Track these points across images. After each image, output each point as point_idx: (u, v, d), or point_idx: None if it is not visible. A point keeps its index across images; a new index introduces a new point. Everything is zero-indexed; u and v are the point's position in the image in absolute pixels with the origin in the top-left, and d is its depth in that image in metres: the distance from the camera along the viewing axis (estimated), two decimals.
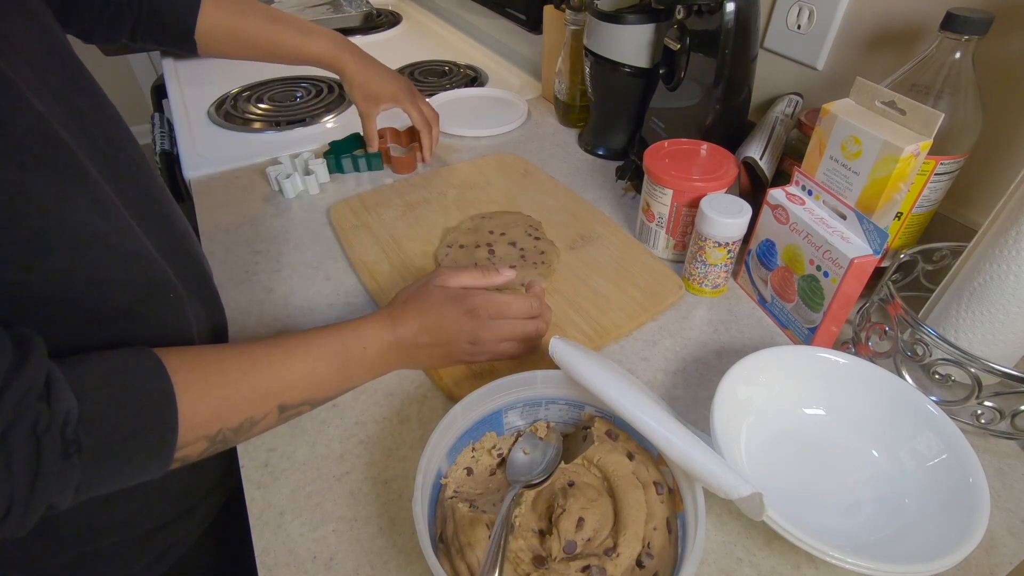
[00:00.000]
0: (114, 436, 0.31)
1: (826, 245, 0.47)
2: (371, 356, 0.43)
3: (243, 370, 0.37)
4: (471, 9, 1.24)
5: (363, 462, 0.45)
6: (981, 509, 0.36)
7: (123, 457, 0.31)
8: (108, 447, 0.30)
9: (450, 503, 0.38)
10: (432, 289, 0.46)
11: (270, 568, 0.39)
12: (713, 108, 0.64)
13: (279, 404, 0.39)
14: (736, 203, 0.54)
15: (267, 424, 0.39)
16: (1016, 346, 0.45)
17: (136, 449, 0.32)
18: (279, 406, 0.39)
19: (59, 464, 0.28)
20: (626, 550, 0.35)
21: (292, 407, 0.40)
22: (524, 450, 0.42)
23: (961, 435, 0.40)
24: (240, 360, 0.37)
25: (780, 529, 0.36)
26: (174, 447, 0.33)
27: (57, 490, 0.29)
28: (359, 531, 0.40)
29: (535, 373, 0.42)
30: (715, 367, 0.52)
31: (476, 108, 0.95)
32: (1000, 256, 0.42)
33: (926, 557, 0.34)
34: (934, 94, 0.48)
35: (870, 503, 0.41)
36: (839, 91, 0.63)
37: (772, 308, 0.56)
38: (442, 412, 0.46)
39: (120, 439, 0.31)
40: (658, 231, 0.63)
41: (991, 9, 0.46)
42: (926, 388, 0.46)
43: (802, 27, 0.65)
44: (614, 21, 0.70)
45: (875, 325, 0.49)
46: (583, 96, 0.86)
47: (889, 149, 0.44)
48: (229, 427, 0.36)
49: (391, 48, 1.23)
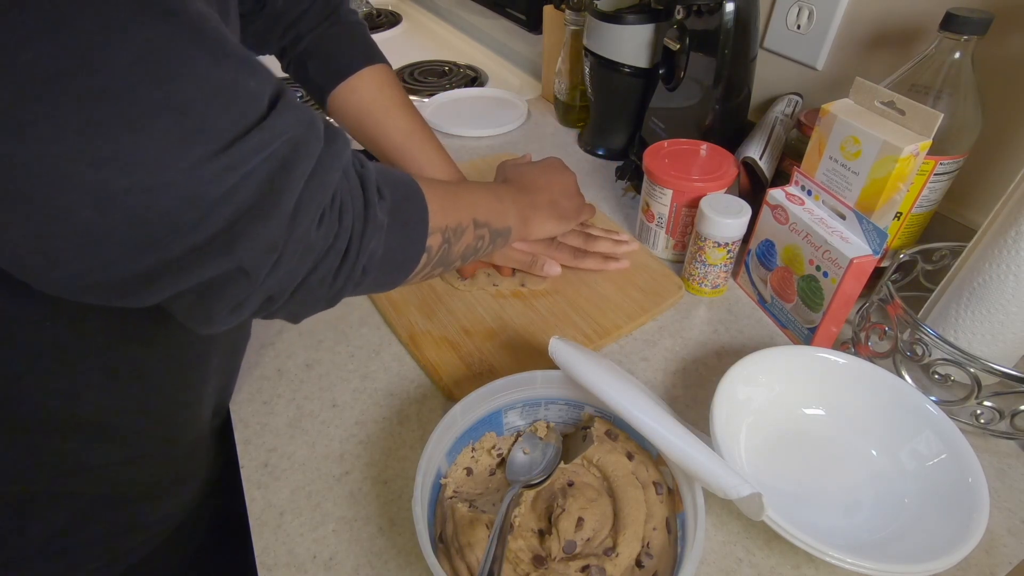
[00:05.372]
0: (397, 197, 0.35)
1: (825, 245, 0.47)
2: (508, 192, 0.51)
3: (444, 185, 0.42)
4: (471, 9, 1.24)
5: (363, 462, 0.45)
6: (980, 509, 0.36)
7: (403, 220, 0.35)
8: (397, 204, 0.34)
9: (450, 503, 0.38)
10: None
11: (270, 568, 0.39)
12: (713, 108, 0.64)
13: (473, 218, 0.43)
14: (736, 203, 0.54)
15: (467, 238, 0.43)
16: (1016, 346, 0.45)
17: (411, 213, 0.36)
18: (474, 220, 0.43)
19: (376, 209, 0.32)
20: (625, 550, 0.35)
21: (480, 224, 0.44)
22: (524, 450, 0.42)
23: (961, 435, 0.40)
24: (442, 183, 0.43)
25: (780, 529, 0.36)
26: (428, 218, 0.37)
27: (376, 236, 0.32)
28: (359, 531, 0.41)
29: (535, 373, 0.42)
30: (715, 367, 0.52)
31: (476, 108, 0.95)
32: (1000, 256, 0.42)
33: (926, 557, 0.34)
34: (933, 94, 0.48)
35: (870, 503, 0.41)
36: (839, 91, 0.63)
37: (772, 308, 0.56)
38: (442, 412, 0.46)
39: (401, 200, 0.35)
40: (658, 231, 0.63)
41: (991, 9, 0.46)
42: (926, 388, 0.46)
43: (802, 27, 0.65)
44: (614, 21, 0.70)
45: (875, 325, 0.49)
46: (583, 96, 0.86)
47: (888, 149, 0.44)
48: (451, 227, 0.40)
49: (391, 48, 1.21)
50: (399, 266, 0.37)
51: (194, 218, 0.23)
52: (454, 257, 0.43)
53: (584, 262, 0.59)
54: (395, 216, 0.34)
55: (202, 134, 0.23)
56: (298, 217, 0.26)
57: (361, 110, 0.57)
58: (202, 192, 0.23)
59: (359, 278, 0.32)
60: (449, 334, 0.54)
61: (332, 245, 0.29)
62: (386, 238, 0.33)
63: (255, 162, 0.24)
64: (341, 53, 0.56)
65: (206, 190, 0.23)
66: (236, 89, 0.24)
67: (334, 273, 0.30)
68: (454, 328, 0.54)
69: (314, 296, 0.31)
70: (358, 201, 0.31)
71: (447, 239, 0.40)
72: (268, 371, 0.51)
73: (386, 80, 0.57)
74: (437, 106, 0.95)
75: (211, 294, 0.26)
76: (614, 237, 0.61)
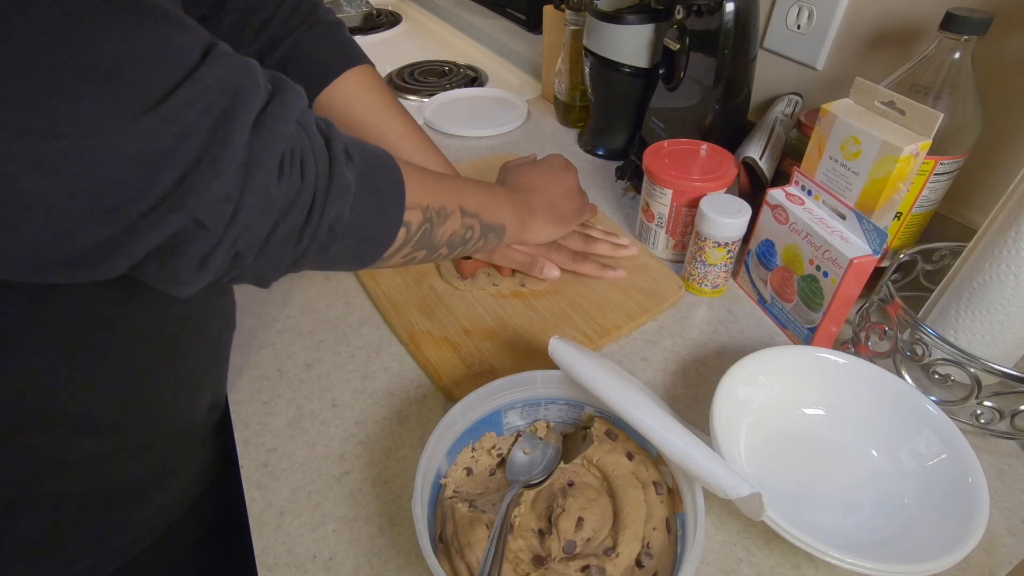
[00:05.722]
0: (366, 164, 0.34)
1: (825, 245, 0.47)
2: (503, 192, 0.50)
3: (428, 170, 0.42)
4: (471, 9, 1.24)
5: (363, 462, 0.45)
6: (980, 509, 0.36)
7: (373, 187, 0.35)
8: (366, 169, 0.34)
9: (450, 503, 0.38)
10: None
11: (270, 568, 0.39)
12: (713, 108, 0.64)
13: (460, 205, 0.43)
14: (736, 203, 0.54)
15: (453, 224, 0.42)
16: (1016, 346, 0.45)
17: (382, 181, 0.36)
18: (461, 207, 0.43)
19: (343, 167, 0.31)
20: (625, 550, 0.35)
21: (468, 214, 0.43)
22: (524, 450, 0.42)
23: (961, 435, 0.40)
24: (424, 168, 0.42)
25: (780, 529, 0.36)
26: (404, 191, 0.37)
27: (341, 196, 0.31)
28: (359, 531, 0.41)
29: (535, 373, 0.42)
30: (715, 367, 0.52)
31: (476, 108, 0.95)
32: (1000, 256, 0.42)
33: (925, 557, 0.34)
34: (933, 94, 0.48)
35: (869, 503, 0.41)
36: (839, 91, 0.63)
37: (772, 308, 0.56)
38: (442, 412, 0.46)
39: (371, 167, 0.35)
40: (658, 231, 0.63)
41: (991, 9, 0.46)
42: (926, 388, 0.46)
43: (802, 27, 0.65)
44: (614, 21, 0.70)
45: (875, 325, 0.49)
46: (583, 96, 0.86)
47: (888, 149, 0.44)
48: (433, 206, 0.40)
49: (391, 48, 1.23)
50: (373, 236, 0.36)
51: (142, 179, 0.23)
52: (439, 242, 0.42)
53: (583, 267, 0.58)
54: (365, 180, 0.34)
55: (132, 93, 0.23)
56: (252, 169, 0.26)
57: (351, 114, 0.56)
58: (143, 151, 0.23)
59: (326, 240, 0.32)
60: (449, 334, 0.54)
61: (294, 202, 0.29)
62: (354, 202, 0.32)
63: (192, 115, 0.24)
64: (323, 56, 0.54)
65: (146, 149, 0.23)
66: (161, 45, 0.24)
67: (299, 232, 0.30)
68: (454, 328, 0.54)
69: (279, 255, 0.30)
70: (322, 158, 0.30)
71: (428, 218, 0.39)
72: (268, 371, 0.51)
73: (372, 82, 0.56)
74: (437, 106, 0.95)
75: (174, 253, 0.26)
76: (613, 240, 0.61)
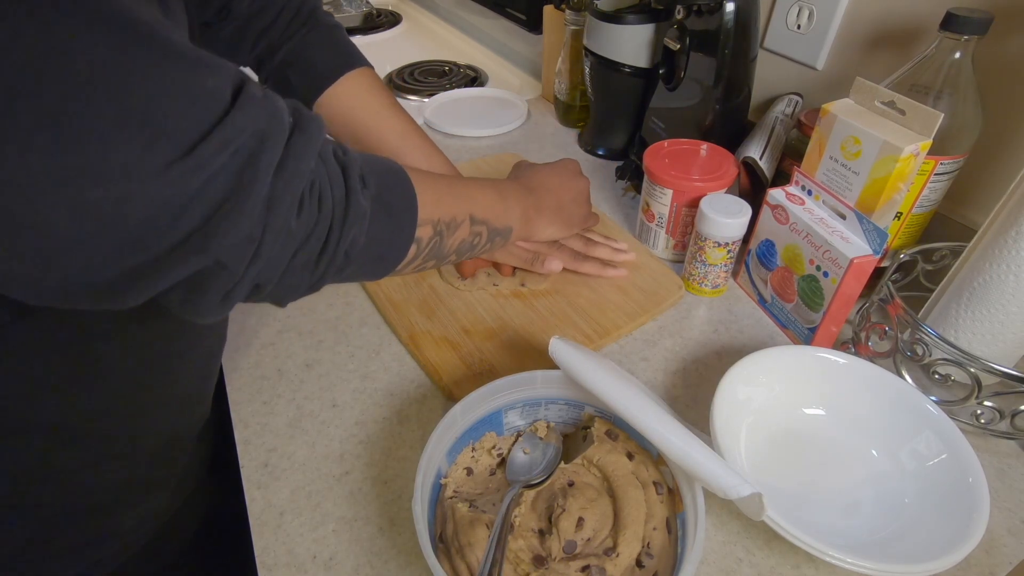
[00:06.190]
0: (381, 186, 0.35)
1: (826, 245, 0.47)
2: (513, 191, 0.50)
3: (440, 178, 0.42)
4: (471, 9, 1.24)
5: (363, 462, 0.45)
6: (981, 509, 0.36)
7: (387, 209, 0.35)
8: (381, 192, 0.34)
9: (450, 503, 0.38)
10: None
11: (270, 568, 0.39)
12: (713, 108, 0.64)
13: (471, 213, 0.43)
14: (736, 203, 0.54)
15: (462, 233, 0.42)
16: (1016, 346, 0.45)
17: (396, 201, 0.36)
18: (470, 216, 0.43)
19: (359, 196, 0.32)
20: (626, 550, 0.35)
21: (477, 221, 0.44)
22: (524, 450, 0.42)
23: (961, 435, 0.40)
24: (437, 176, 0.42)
25: (780, 529, 0.36)
26: (417, 207, 0.37)
27: (357, 224, 0.32)
28: (359, 531, 0.41)
29: (535, 373, 0.42)
30: (715, 367, 0.52)
31: (476, 108, 0.95)
32: (1000, 256, 0.42)
33: (926, 557, 0.34)
34: (934, 94, 0.48)
35: (870, 503, 0.41)
36: (839, 91, 0.63)
37: (772, 308, 0.56)
38: (442, 412, 0.46)
39: (385, 187, 0.35)
40: (658, 231, 0.63)
41: (991, 9, 0.46)
42: (926, 388, 0.46)
43: (802, 27, 0.65)
44: (614, 21, 0.70)
45: (875, 325, 0.49)
46: (583, 96, 0.86)
47: (889, 149, 0.44)
48: (443, 219, 0.40)
49: (391, 48, 1.23)
50: (385, 254, 0.37)
51: (168, 220, 0.24)
52: (448, 251, 0.42)
53: (583, 266, 0.59)
54: (379, 203, 0.34)
55: (165, 140, 0.23)
56: (273, 207, 0.27)
57: (351, 116, 0.56)
58: (172, 195, 0.24)
59: (341, 263, 0.32)
60: (449, 334, 0.54)
61: (312, 232, 0.30)
62: (369, 226, 0.33)
63: (221, 160, 0.25)
64: (322, 59, 0.55)
65: (176, 192, 0.24)
66: (194, 90, 0.24)
67: (315, 259, 0.31)
68: (454, 328, 0.54)
69: (298, 281, 0.31)
70: (339, 188, 0.31)
71: (439, 232, 0.40)
72: (268, 371, 0.51)
73: (372, 84, 0.57)
74: (437, 106, 0.95)
75: (197, 289, 0.27)
76: (613, 245, 0.61)
